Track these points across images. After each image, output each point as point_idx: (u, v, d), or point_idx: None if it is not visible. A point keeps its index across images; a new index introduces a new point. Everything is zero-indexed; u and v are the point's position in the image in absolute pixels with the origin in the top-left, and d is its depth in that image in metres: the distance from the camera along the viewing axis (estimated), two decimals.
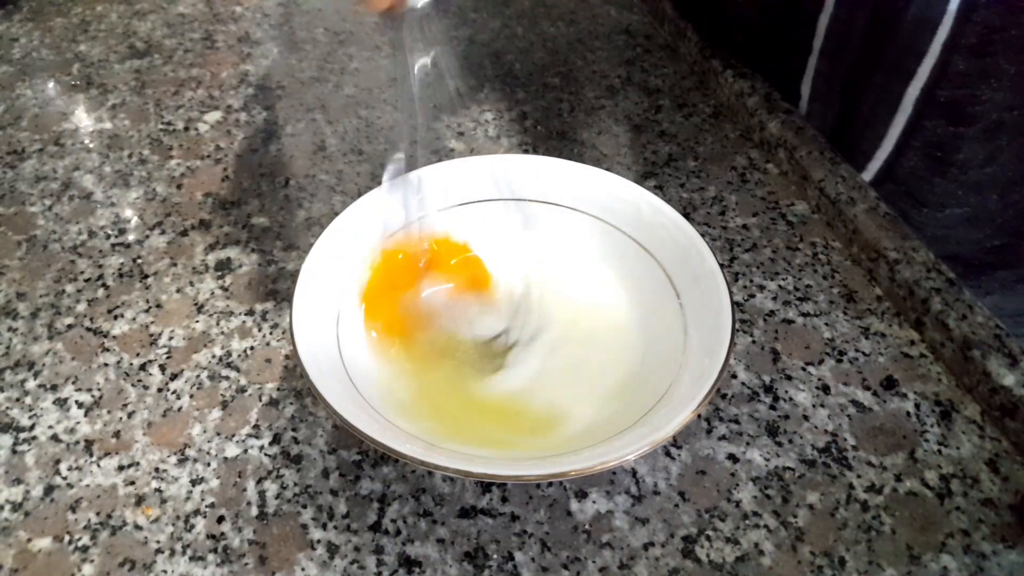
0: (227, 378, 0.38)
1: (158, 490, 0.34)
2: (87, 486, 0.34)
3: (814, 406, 0.37)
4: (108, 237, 0.46)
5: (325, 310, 0.35)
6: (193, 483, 0.34)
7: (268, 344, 0.40)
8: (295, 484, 0.34)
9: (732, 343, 0.30)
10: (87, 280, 0.43)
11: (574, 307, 0.38)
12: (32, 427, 0.36)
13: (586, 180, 0.39)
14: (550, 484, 0.34)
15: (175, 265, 0.44)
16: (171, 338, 0.40)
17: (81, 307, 0.42)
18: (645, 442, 0.28)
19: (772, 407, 0.37)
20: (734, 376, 0.38)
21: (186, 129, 0.54)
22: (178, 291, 0.43)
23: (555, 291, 0.39)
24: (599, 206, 0.39)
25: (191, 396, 0.38)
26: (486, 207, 0.40)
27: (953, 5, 0.38)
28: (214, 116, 0.55)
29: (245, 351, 0.39)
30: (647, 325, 0.36)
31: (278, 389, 0.38)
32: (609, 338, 0.37)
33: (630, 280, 0.38)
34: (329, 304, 0.35)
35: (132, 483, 0.34)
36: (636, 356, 0.36)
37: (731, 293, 0.32)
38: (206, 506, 0.33)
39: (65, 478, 0.34)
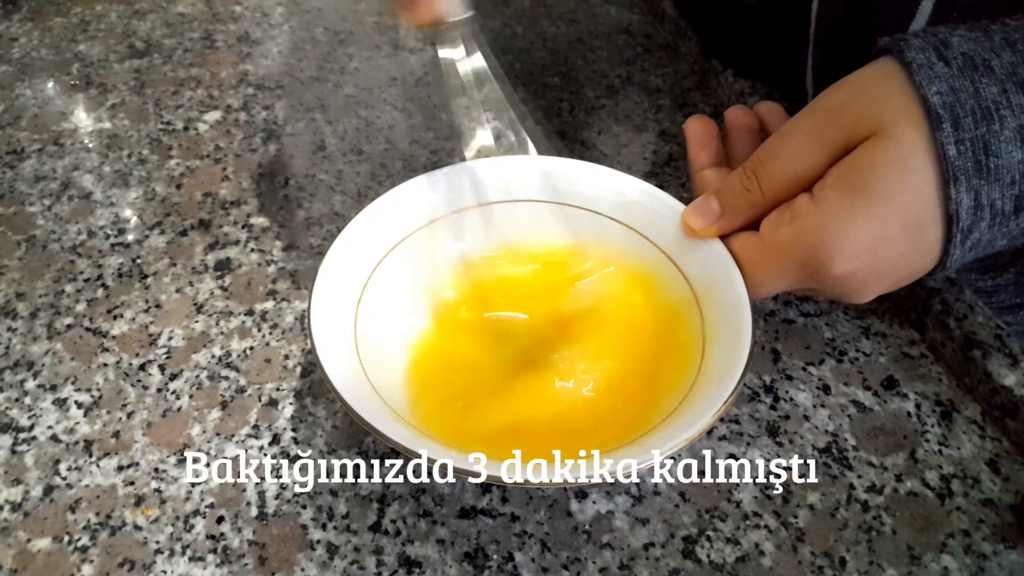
0: (227, 378, 0.38)
1: (158, 490, 0.34)
2: (87, 486, 0.34)
3: (815, 406, 0.37)
4: (107, 237, 0.46)
5: (344, 302, 0.35)
6: (193, 483, 0.34)
7: (268, 344, 0.40)
8: (295, 484, 0.34)
9: (745, 371, 0.30)
10: (86, 280, 0.43)
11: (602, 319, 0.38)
12: (31, 427, 0.36)
13: (632, 192, 0.39)
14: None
15: (175, 265, 0.44)
16: (170, 338, 0.40)
17: (80, 307, 0.42)
18: (643, 459, 0.28)
19: (773, 407, 0.37)
20: None
21: (186, 129, 0.54)
22: (177, 291, 0.43)
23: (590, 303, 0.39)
24: (639, 220, 0.38)
25: (191, 396, 0.38)
26: (529, 208, 0.40)
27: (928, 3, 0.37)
28: (214, 116, 0.55)
29: (245, 351, 0.39)
30: (665, 342, 0.36)
31: (278, 389, 0.38)
32: (626, 352, 0.37)
33: (659, 298, 0.38)
34: (349, 296, 0.35)
35: (132, 483, 0.34)
36: (650, 371, 0.36)
37: (754, 321, 0.32)
38: (206, 506, 0.33)
39: (64, 478, 0.34)
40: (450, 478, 0.34)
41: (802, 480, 0.34)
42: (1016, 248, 0.41)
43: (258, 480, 0.34)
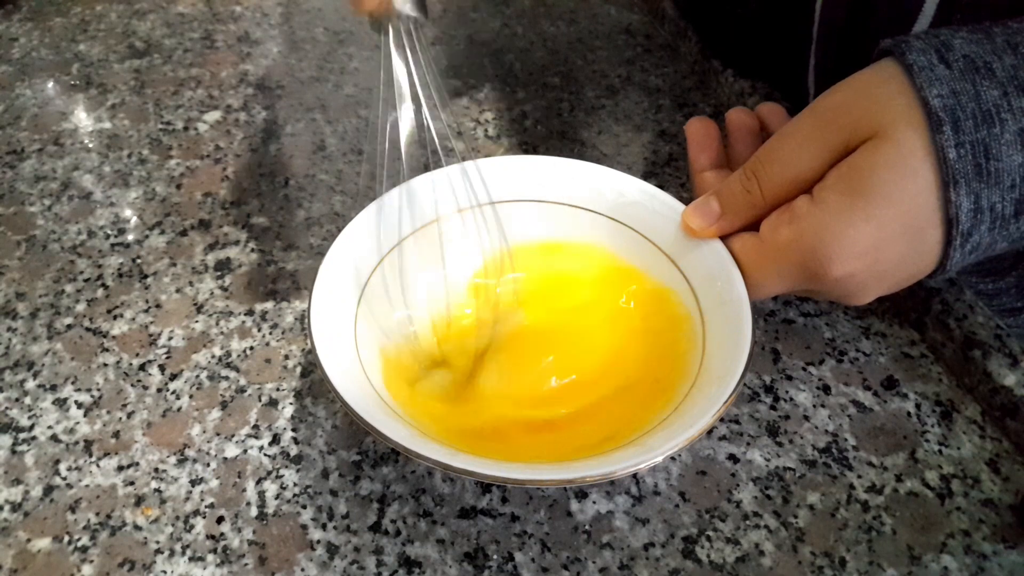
0: (227, 378, 0.38)
1: (157, 490, 0.34)
2: (86, 486, 0.34)
3: (815, 406, 0.37)
4: (107, 237, 0.46)
5: (344, 302, 0.35)
6: (193, 483, 0.34)
7: (268, 344, 0.40)
8: (295, 484, 0.34)
9: (745, 371, 0.30)
10: (87, 280, 0.43)
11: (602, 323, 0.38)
12: (31, 427, 0.36)
13: (629, 191, 0.39)
14: None
15: (175, 265, 0.44)
16: (171, 338, 0.40)
17: (80, 307, 0.42)
18: (643, 459, 0.28)
19: (773, 407, 0.37)
20: None
21: (186, 129, 0.54)
22: (177, 291, 0.43)
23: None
24: (639, 220, 0.38)
25: (190, 396, 0.38)
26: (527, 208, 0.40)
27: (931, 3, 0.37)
28: (214, 116, 0.55)
29: (245, 351, 0.39)
30: (665, 342, 0.36)
31: (278, 389, 0.38)
32: (626, 351, 0.37)
33: (659, 298, 0.38)
34: (349, 296, 0.35)
35: (132, 483, 0.34)
36: (651, 371, 0.36)
37: (754, 321, 0.32)
38: (206, 506, 0.33)
39: (64, 478, 0.34)
40: (450, 478, 0.34)
41: (802, 480, 0.34)
42: (1018, 252, 0.41)
43: (258, 480, 0.34)
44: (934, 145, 0.29)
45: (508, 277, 0.40)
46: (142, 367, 0.39)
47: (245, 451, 0.35)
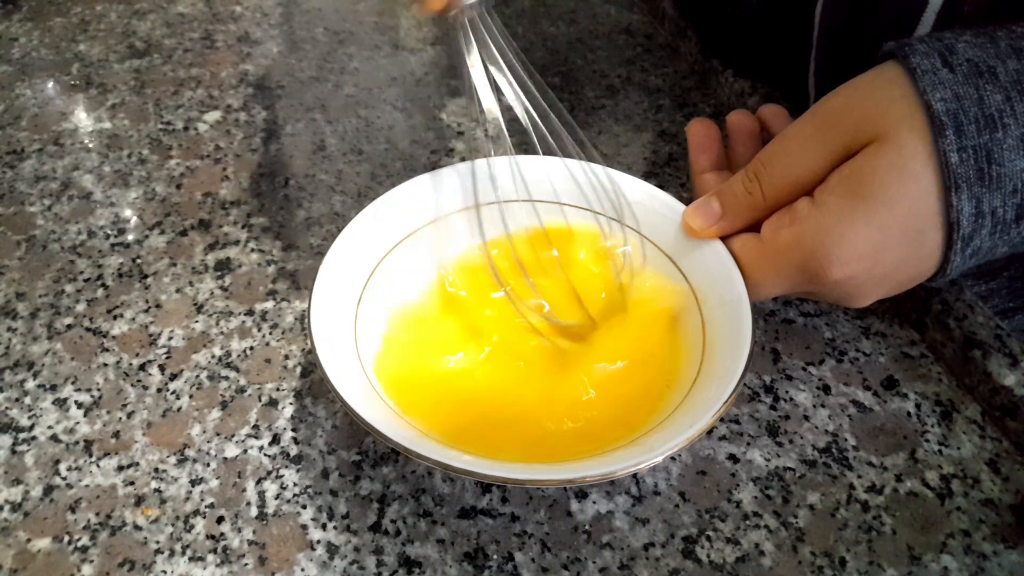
0: (227, 378, 0.38)
1: (157, 490, 0.34)
2: (87, 486, 0.34)
3: (815, 406, 0.37)
4: (107, 237, 0.46)
5: (344, 302, 0.35)
6: (193, 483, 0.34)
7: (268, 344, 0.40)
8: (295, 484, 0.34)
9: (745, 371, 0.30)
10: (86, 280, 0.43)
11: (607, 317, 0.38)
12: (31, 427, 0.36)
13: (632, 192, 0.39)
14: None
15: (175, 265, 0.44)
16: (170, 338, 0.40)
17: (80, 307, 0.42)
18: (643, 459, 0.28)
19: (773, 407, 0.37)
20: None
21: (186, 129, 0.54)
22: (177, 291, 0.43)
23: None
24: (642, 222, 0.38)
25: (190, 396, 0.38)
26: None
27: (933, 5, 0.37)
28: (214, 116, 0.55)
29: (244, 351, 0.39)
30: (665, 342, 0.36)
31: (278, 389, 0.38)
32: (626, 351, 0.37)
33: (659, 297, 0.38)
34: (349, 296, 0.35)
35: (132, 483, 0.34)
36: (651, 371, 0.36)
37: (754, 321, 0.32)
38: (206, 506, 0.33)
39: (64, 478, 0.34)
40: (450, 478, 0.34)
41: (802, 480, 0.34)
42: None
43: (258, 480, 0.34)
44: (936, 149, 0.29)
45: (505, 274, 0.40)
46: (142, 367, 0.39)
47: (245, 451, 0.35)
